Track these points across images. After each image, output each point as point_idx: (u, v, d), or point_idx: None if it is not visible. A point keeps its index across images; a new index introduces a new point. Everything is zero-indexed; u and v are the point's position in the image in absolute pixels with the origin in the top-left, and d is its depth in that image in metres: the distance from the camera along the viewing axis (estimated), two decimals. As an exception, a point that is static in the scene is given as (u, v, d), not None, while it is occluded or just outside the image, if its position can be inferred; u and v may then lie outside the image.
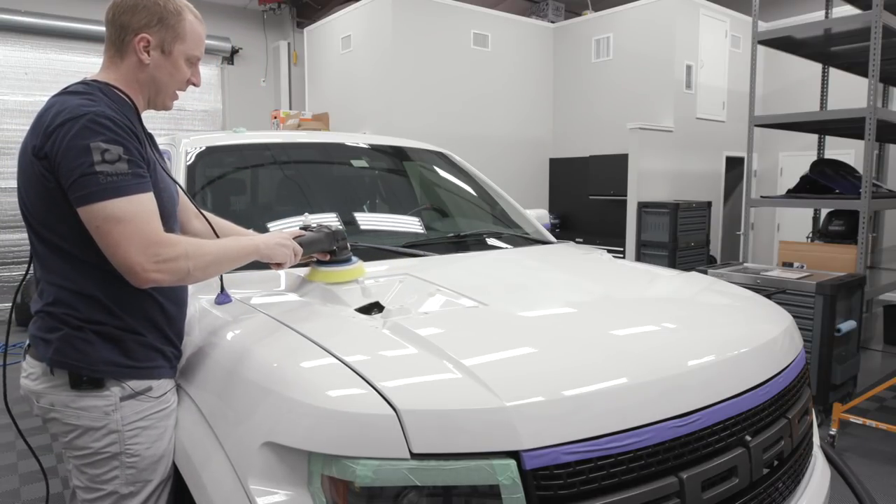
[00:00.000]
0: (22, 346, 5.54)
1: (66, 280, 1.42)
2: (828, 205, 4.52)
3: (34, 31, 7.44)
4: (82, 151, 1.31)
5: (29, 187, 1.41)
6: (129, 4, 1.46)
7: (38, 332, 1.46)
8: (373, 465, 1.13)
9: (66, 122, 1.33)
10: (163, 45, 1.49)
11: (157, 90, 1.54)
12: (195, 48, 1.55)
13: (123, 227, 1.32)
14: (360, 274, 1.89)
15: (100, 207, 1.31)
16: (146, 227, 1.34)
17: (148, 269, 1.33)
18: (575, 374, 1.29)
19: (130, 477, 1.46)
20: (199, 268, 1.43)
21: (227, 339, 1.57)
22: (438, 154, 3.18)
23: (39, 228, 1.43)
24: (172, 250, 1.37)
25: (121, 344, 1.45)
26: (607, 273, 2.21)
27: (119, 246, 1.32)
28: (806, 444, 1.73)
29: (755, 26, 4.50)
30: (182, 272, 1.39)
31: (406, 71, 6.60)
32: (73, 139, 1.32)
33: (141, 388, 1.46)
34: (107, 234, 1.32)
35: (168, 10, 1.48)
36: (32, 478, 3.27)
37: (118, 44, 1.48)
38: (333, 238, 1.86)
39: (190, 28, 1.52)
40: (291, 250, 1.70)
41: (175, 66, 1.52)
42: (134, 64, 1.49)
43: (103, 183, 1.31)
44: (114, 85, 1.48)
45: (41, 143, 1.35)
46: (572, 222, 7.72)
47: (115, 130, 1.36)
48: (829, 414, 3.54)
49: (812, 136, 5.61)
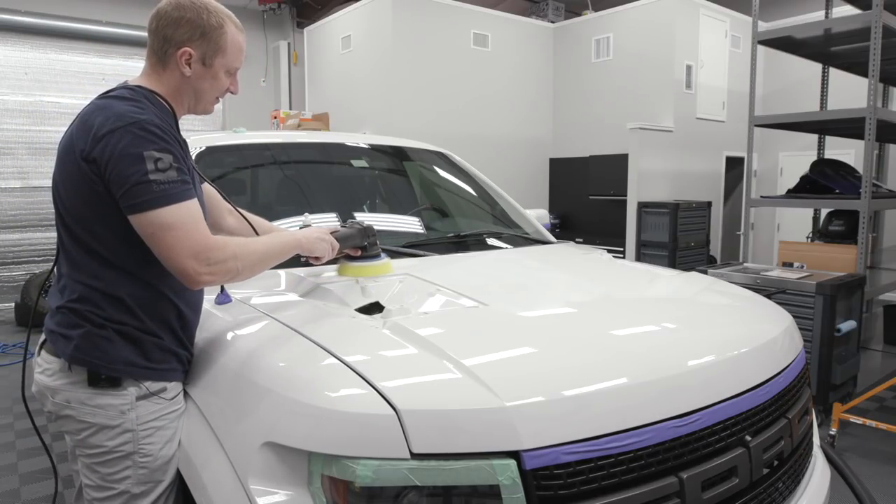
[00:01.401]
0: (21, 347, 5.54)
1: (93, 279, 1.44)
2: (828, 205, 4.52)
3: (34, 31, 7.44)
4: (136, 160, 1.34)
5: (70, 187, 1.43)
6: (173, 17, 1.48)
7: (58, 327, 1.47)
8: (373, 465, 1.13)
9: (118, 129, 1.36)
10: (204, 58, 1.52)
11: (198, 100, 1.58)
12: (235, 60, 1.58)
13: (176, 233, 1.36)
14: (388, 269, 1.95)
15: (154, 215, 1.35)
16: (196, 232, 1.39)
17: (201, 273, 1.38)
18: (575, 374, 1.29)
19: (143, 477, 1.47)
20: (247, 267, 1.48)
21: (227, 340, 1.57)
22: (438, 154, 3.18)
23: (75, 227, 1.44)
24: (222, 253, 1.41)
25: (140, 345, 1.46)
26: (607, 273, 2.21)
27: (173, 251, 1.36)
28: (806, 444, 1.73)
29: (755, 26, 4.50)
30: (232, 272, 1.45)
31: (406, 71, 6.60)
32: (126, 147, 1.35)
33: (156, 388, 1.47)
34: (161, 241, 1.36)
35: (210, 25, 1.51)
36: (32, 478, 3.27)
37: (160, 54, 1.51)
38: (364, 234, 1.92)
39: (231, 41, 1.55)
40: (329, 245, 1.76)
41: (215, 77, 1.55)
42: (176, 75, 1.52)
43: (157, 191, 1.35)
44: (157, 92, 1.51)
45: (90, 148, 1.37)
46: (572, 222, 7.72)
47: (164, 138, 1.39)
48: (829, 414, 3.54)
49: (812, 136, 5.61)
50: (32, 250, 7.65)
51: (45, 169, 7.63)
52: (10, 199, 7.49)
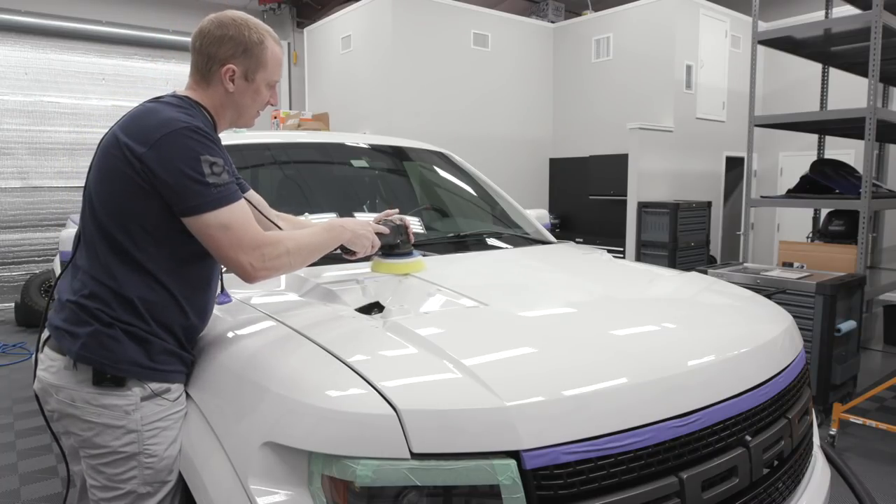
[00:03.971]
0: (22, 347, 5.53)
1: (109, 278, 1.45)
2: (828, 205, 4.52)
3: (34, 31, 7.44)
4: (194, 163, 1.40)
5: (111, 183, 1.44)
6: (216, 35, 1.54)
7: (65, 324, 1.47)
8: (373, 465, 1.13)
9: (173, 133, 1.40)
10: (247, 73, 1.57)
11: (240, 114, 1.63)
12: (275, 74, 1.63)
13: (233, 233, 1.43)
14: (420, 267, 1.97)
15: (212, 216, 1.41)
16: (250, 230, 1.46)
17: (258, 268, 1.46)
18: (575, 374, 1.29)
19: (148, 477, 1.47)
20: (298, 260, 1.56)
21: (228, 340, 1.57)
22: (438, 154, 3.18)
23: (106, 222, 1.45)
24: (276, 249, 1.49)
25: (146, 346, 1.46)
26: (607, 273, 2.21)
27: (231, 249, 1.43)
28: (806, 444, 1.73)
29: (755, 26, 4.50)
30: (286, 266, 1.53)
31: (406, 71, 6.60)
32: (182, 150, 1.40)
33: (160, 389, 1.48)
34: (219, 240, 1.43)
35: (252, 41, 1.56)
36: (32, 478, 3.27)
37: (204, 71, 1.56)
38: (398, 232, 1.95)
39: (271, 55, 1.60)
40: (371, 242, 1.82)
41: (257, 91, 1.61)
42: (219, 90, 1.57)
43: (214, 194, 1.41)
44: (202, 105, 1.57)
45: (143, 150, 1.40)
46: (572, 222, 7.71)
47: (216, 143, 1.47)
48: (829, 414, 3.54)
49: (812, 136, 5.61)
50: (32, 250, 7.65)
51: (44, 169, 7.64)
52: (10, 199, 7.49)
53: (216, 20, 1.55)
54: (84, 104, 7.80)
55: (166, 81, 8.28)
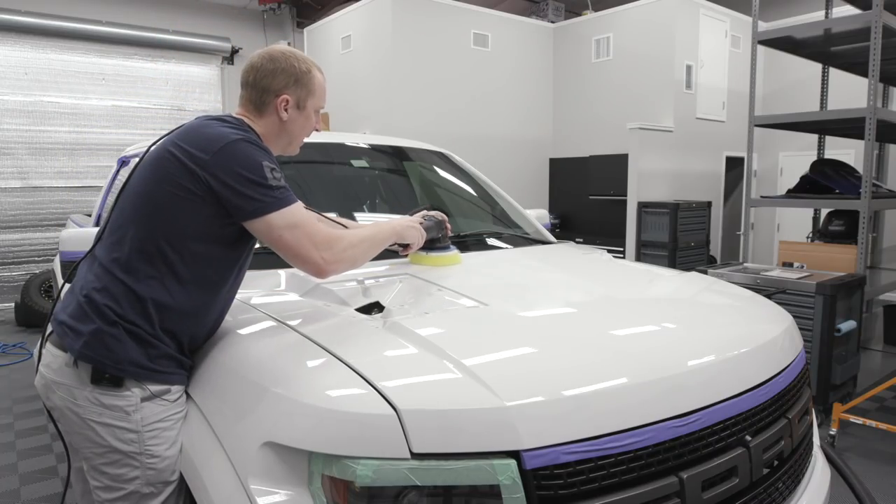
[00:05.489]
0: (22, 347, 5.50)
1: (127, 273, 1.46)
2: (828, 205, 4.52)
3: (34, 31, 7.44)
4: (257, 168, 1.47)
5: (160, 187, 1.47)
6: (269, 69, 1.62)
7: (70, 319, 1.48)
8: (373, 465, 1.13)
9: (234, 142, 1.47)
10: (299, 102, 1.66)
11: (290, 140, 1.71)
12: (322, 99, 1.72)
13: (302, 230, 1.51)
14: (457, 260, 2.08)
15: (280, 216, 1.48)
16: (317, 227, 1.56)
17: (329, 261, 1.54)
18: (575, 373, 1.29)
19: (151, 477, 1.47)
20: (361, 255, 1.67)
21: (228, 340, 1.57)
22: (438, 154, 3.18)
23: (145, 222, 1.48)
24: (341, 243, 1.58)
25: (147, 348, 1.47)
26: (607, 273, 2.21)
27: (302, 247, 1.51)
28: (806, 444, 1.73)
29: (755, 26, 4.50)
30: (351, 260, 1.63)
31: (406, 71, 6.60)
32: (245, 158, 1.47)
33: (159, 390, 1.48)
34: (289, 239, 1.50)
35: (301, 70, 1.65)
36: (32, 478, 3.27)
37: (258, 103, 1.64)
38: (439, 227, 2.06)
39: (318, 83, 1.69)
40: (419, 233, 1.97)
41: (307, 118, 1.70)
42: (273, 120, 1.65)
43: (278, 195, 1.48)
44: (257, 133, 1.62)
45: (206, 157, 1.45)
46: (572, 222, 7.72)
47: (271, 153, 1.57)
48: (829, 414, 3.54)
49: (812, 136, 5.61)
50: (32, 250, 7.65)
51: (44, 169, 7.64)
52: (10, 199, 7.49)
53: (266, 55, 1.64)
54: (84, 104, 7.80)
55: (166, 81, 8.28)
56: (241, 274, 1.64)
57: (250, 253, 1.65)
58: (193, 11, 8.58)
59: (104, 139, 7.91)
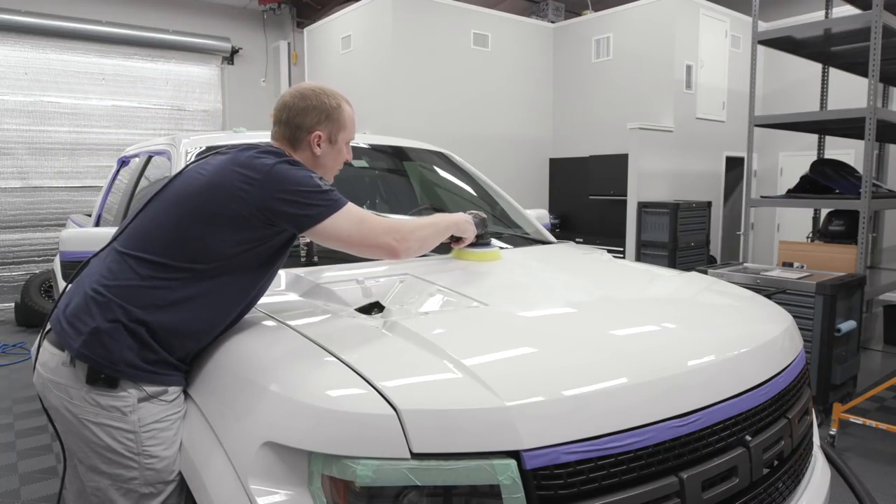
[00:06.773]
0: (22, 347, 5.48)
1: (141, 278, 1.47)
2: (828, 205, 4.52)
3: (34, 31, 7.43)
4: (308, 179, 1.55)
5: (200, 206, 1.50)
6: (301, 107, 1.68)
7: (71, 316, 1.48)
8: (373, 465, 1.13)
9: (280, 163, 1.54)
10: (331, 136, 1.72)
11: (324, 173, 1.74)
12: (351, 132, 1.78)
13: (368, 222, 1.61)
14: (498, 256, 2.18)
15: (343, 216, 1.56)
16: (377, 217, 1.67)
17: (400, 242, 1.65)
18: (575, 373, 1.29)
19: (150, 477, 1.48)
20: (424, 240, 1.78)
21: (228, 339, 1.57)
22: (438, 154, 3.18)
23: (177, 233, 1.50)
24: (406, 227, 1.71)
25: (145, 349, 1.47)
26: (607, 273, 2.21)
27: (374, 236, 1.61)
28: (806, 444, 1.73)
29: (755, 26, 4.50)
30: (419, 242, 1.74)
31: (406, 71, 6.59)
32: (294, 174, 1.54)
33: (156, 392, 1.48)
34: (358, 232, 1.59)
35: (331, 106, 1.71)
36: (32, 478, 3.27)
37: (291, 139, 1.70)
38: (483, 224, 2.17)
39: (348, 117, 1.75)
40: (473, 230, 2.09)
41: (339, 151, 1.76)
42: (307, 155, 1.70)
43: (335, 197, 1.57)
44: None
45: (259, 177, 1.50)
46: (572, 222, 7.71)
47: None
48: (829, 414, 3.54)
49: (812, 136, 5.61)
50: (32, 250, 7.64)
51: (44, 169, 7.64)
52: (10, 199, 7.49)
53: (297, 93, 1.70)
54: (84, 104, 7.80)
55: (166, 81, 8.28)
56: (253, 302, 1.65)
57: (267, 282, 1.67)
58: (193, 11, 8.58)
59: (104, 139, 7.91)
